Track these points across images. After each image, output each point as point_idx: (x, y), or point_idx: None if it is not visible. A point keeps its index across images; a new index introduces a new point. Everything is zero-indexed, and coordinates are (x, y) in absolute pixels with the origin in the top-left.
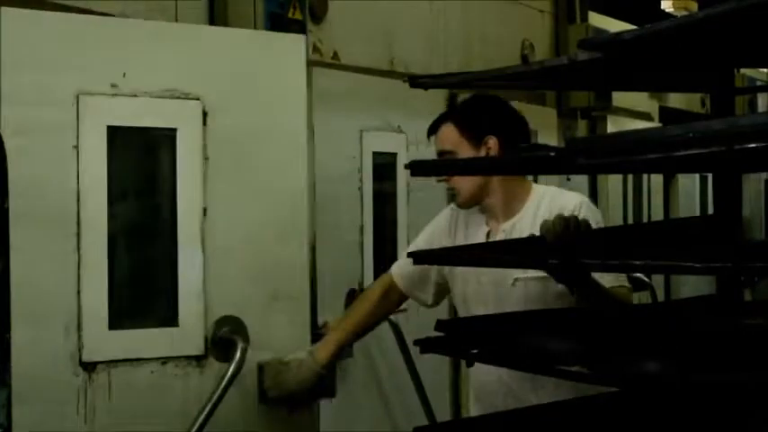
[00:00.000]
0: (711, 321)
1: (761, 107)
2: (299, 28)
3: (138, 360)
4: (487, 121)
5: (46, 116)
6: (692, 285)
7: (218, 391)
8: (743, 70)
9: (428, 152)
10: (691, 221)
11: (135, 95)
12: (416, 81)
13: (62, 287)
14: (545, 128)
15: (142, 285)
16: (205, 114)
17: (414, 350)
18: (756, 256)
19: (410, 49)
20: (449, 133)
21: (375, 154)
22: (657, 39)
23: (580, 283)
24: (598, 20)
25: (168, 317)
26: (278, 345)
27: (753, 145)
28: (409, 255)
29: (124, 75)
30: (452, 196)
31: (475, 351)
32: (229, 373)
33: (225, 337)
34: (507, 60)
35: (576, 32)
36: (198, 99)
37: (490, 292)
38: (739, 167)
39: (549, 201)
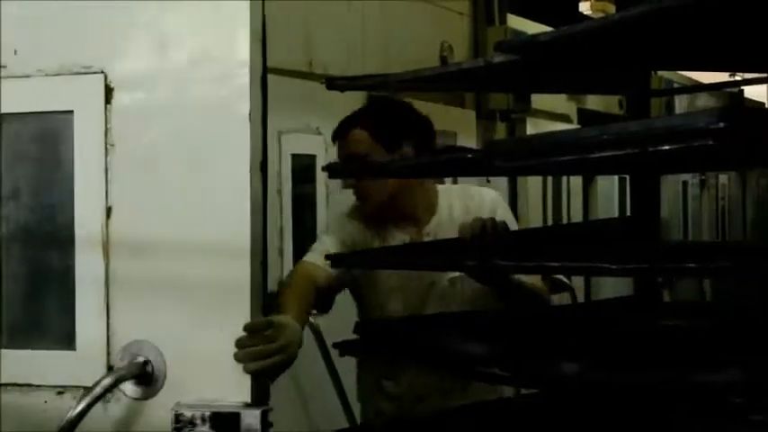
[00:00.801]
0: (629, 322)
1: (678, 109)
2: None
3: (29, 386)
4: (402, 126)
5: None
6: (612, 287)
7: None
8: (660, 72)
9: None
10: (609, 223)
11: (28, 76)
12: (333, 83)
13: None
14: (464, 130)
15: (36, 300)
16: (109, 91)
17: (334, 353)
18: (672, 258)
19: (329, 50)
20: (361, 138)
21: (294, 156)
22: (574, 41)
23: (499, 282)
24: (517, 22)
25: (64, 338)
26: (197, 383)
27: (667, 147)
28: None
29: (15, 52)
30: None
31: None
32: (75, 412)
33: (136, 369)
34: (426, 62)
35: (494, 34)
36: (101, 73)
37: (422, 292)
38: (655, 169)
39: (460, 199)
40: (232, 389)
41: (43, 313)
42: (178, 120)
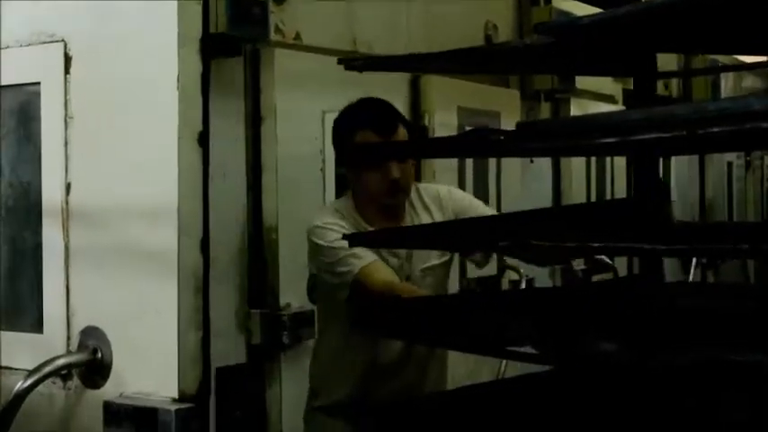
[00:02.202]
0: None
1: (723, 90)
2: (262, 9)
3: (9, 369)
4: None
5: None
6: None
7: None
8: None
9: None
10: (615, 204)
11: (8, 47)
12: (350, 64)
13: None
14: (508, 110)
15: (15, 280)
16: (68, 59)
17: None
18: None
19: (373, 29)
20: (404, 133)
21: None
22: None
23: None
24: (562, 2)
25: (35, 321)
26: (137, 374)
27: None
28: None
29: None
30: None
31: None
32: (21, 387)
33: (86, 357)
34: (470, 41)
35: (539, 14)
36: (62, 41)
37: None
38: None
39: (426, 194)
40: (165, 383)
41: (21, 294)
42: (123, 89)
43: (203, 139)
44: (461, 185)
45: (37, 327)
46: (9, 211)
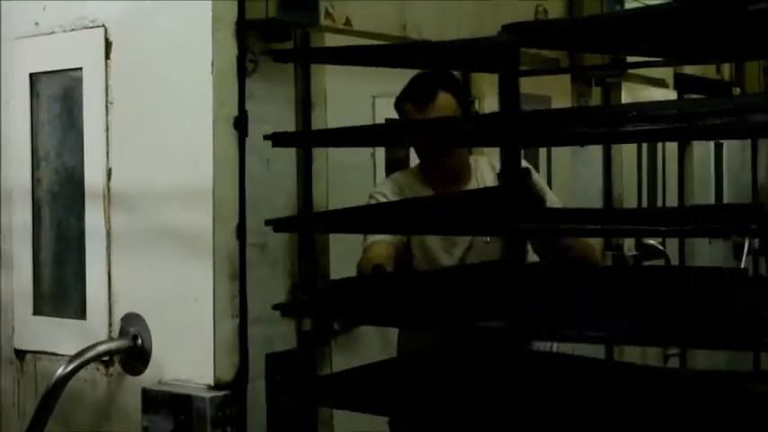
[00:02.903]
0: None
1: None
2: None
3: (55, 355)
4: (467, 94)
5: None
6: (708, 255)
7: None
8: None
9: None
10: None
11: (53, 32)
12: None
13: None
14: (559, 94)
15: (59, 266)
16: (109, 45)
17: None
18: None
19: (423, 13)
20: (448, 102)
21: (387, 120)
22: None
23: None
24: None
25: (78, 306)
26: (178, 359)
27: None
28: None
29: (44, 8)
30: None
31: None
32: (63, 372)
33: (127, 343)
34: None
35: None
36: (102, 26)
37: (463, 252)
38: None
39: (490, 168)
40: (201, 370)
41: (65, 280)
42: (160, 74)
43: (239, 124)
44: None
45: (80, 313)
46: (54, 196)
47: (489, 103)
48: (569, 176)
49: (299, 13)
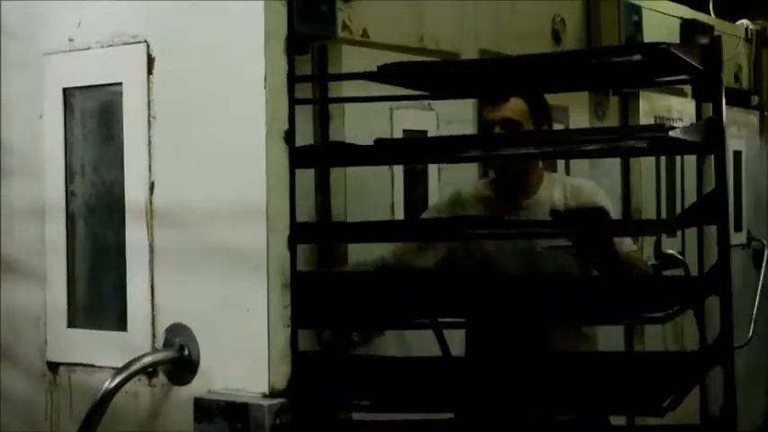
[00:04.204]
0: None
1: None
2: (329, 6)
3: (92, 366)
4: (547, 107)
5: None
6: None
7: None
8: None
9: (458, 129)
10: None
11: (89, 48)
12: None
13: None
14: (576, 104)
15: (96, 279)
16: (151, 60)
17: None
18: None
19: (440, 25)
20: (520, 106)
21: (405, 132)
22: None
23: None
24: None
25: (118, 318)
26: (226, 370)
27: None
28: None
29: (79, 24)
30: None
31: None
32: (110, 386)
33: (173, 354)
34: (538, 37)
35: (608, 8)
36: (144, 42)
37: (513, 261)
38: None
39: (561, 186)
40: (254, 379)
41: (103, 292)
42: (206, 89)
43: (289, 137)
44: None
45: (120, 325)
46: (91, 210)
47: None
48: None
49: (316, 26)
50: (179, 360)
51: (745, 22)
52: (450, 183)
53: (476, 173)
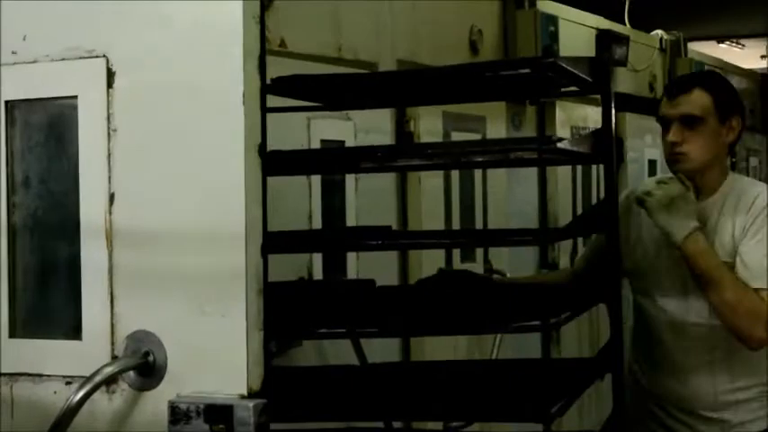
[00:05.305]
0: None
1: None
2: None
3: (39, 376)
4: (737, 100)
5: None
6: None
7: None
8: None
9: (376, 139)
10: None
11: (35, 61)
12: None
13: None
14: (494, 115)
15: (44, 289)
16: (111, 75)
17: None
18: None
19: (358, 35)
20: (703, 99)
21: (323, 142)
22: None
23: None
24: (547, 5)
25: (71, 328)
26: (196, 374)
27: None
28: None
29: (24, 38)
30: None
31: None
32: (75, 399)
33: (138, 360)
34: (456, 47)
35: (524, 18)
36: (103, 56)
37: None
38: None
39: (738, 192)
40: (230, 381)
41: (52, 302)
42: (175, 103)
43: (262, 149)
44: (447, 188)
45: (74, 334)
46: (38, 221)
47: (426, 122)
48: (504, 195)
49: None
50: (144, 366)
51: (659, 32)
52: (368, 192)
53: (393, 182)
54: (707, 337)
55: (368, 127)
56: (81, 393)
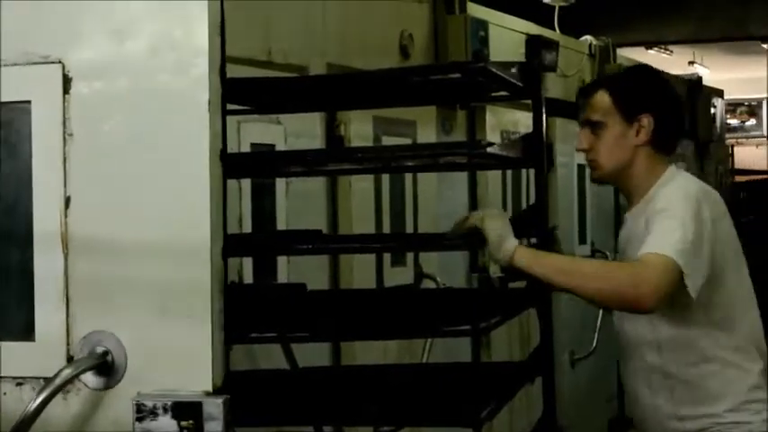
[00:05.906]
0: None
1: None
2: None
3: None
4: (645, 96)
5: None
6: None
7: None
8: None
9: (306, 144)
10: None
11: None
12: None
13: None
14: (424, 119)
15: None
16: (67, 80)
17: None
18: None
19: (288, 39)
20: (603, 102)
21: (253, 146)
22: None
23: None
24: (477, 10)
25: (24, 329)
26: (157, 372)
27: None
28: None
29: None
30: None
31: None
32: (35, 404)
33: (96, 359)
34: (386, 51)
35: (455, 23)
36: (59, 62)
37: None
38: None
39: (664, 185)
40: (192, 378)
41: (4, 304)
42: (136, 109)
43: (223, 155)
44: (378, 192)
45: (26, 335)
46: None
47: (356, 126)
48: (434, 199)
49: None
50: (102, 366)
51: (588, 38)
52: (298, 195)
53: (324, 186)
54: (644, 358)
55: (298, 131)
56: (42, 397)
